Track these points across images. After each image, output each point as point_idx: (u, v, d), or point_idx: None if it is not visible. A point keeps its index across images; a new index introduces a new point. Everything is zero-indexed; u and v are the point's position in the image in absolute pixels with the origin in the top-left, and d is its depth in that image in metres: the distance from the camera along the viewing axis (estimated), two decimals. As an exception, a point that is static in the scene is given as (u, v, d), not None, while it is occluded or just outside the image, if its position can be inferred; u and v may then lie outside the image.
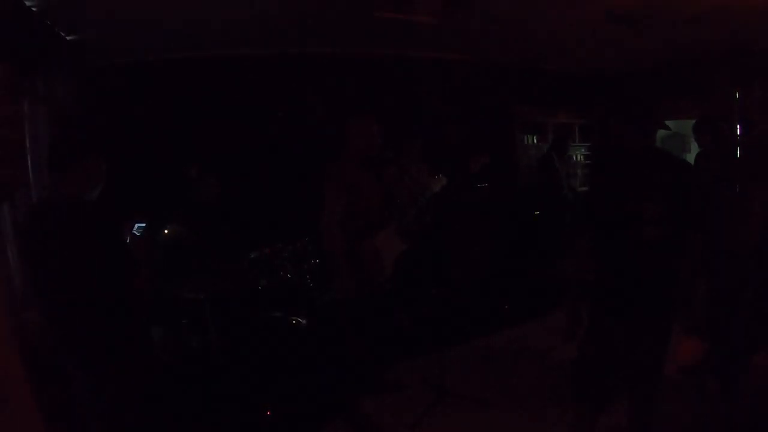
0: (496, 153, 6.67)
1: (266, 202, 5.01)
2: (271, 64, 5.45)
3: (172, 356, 3.94)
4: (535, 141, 7.66)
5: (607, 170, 2.65)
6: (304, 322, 4.23)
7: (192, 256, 4.10)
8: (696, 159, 4.67)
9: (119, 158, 2.89)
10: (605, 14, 4.45)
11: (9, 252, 2.72)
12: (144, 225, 2.89)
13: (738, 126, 5.99)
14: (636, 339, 2.40)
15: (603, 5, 4.38)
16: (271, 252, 4.23)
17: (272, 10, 4.10)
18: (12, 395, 1.29)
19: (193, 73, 5.11)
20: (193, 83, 5.08)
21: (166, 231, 3.72)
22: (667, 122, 2.48)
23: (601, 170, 2.84)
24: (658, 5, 4.36)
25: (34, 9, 3.25)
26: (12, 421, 1.30)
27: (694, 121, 4.63)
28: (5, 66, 2.74)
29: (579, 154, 7.89)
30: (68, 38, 3.87)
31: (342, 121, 3.52)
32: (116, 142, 4.35)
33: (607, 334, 2.48)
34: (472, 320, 5.09)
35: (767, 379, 2.32)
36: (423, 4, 4.15)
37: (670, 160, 2.47)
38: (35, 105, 3.21)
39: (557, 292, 5.81)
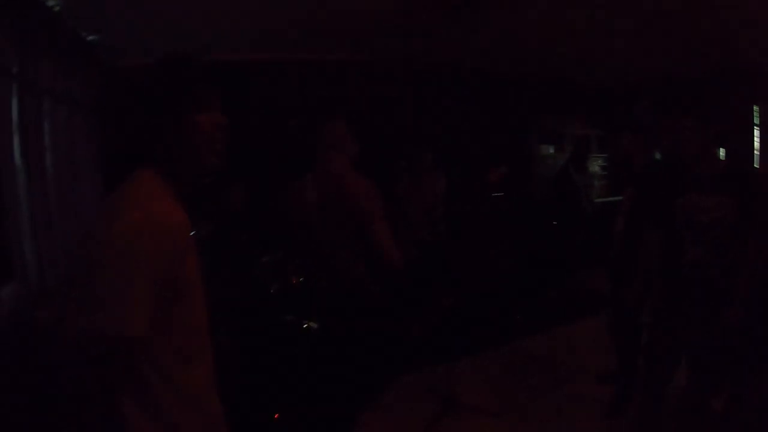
0: (513, 163, 6.67)
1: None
2: (287, 69, 5.47)
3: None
4: (552, 151, 7.63)
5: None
6: (315, 326, 4.22)
7: (207, 260, 4.12)
8: None
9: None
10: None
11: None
12: None
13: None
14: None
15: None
16: (284, 255, 4.23)
17: (286, 17, 4.12)
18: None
19: (212, 75, 5.13)
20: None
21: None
22: None
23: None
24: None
25: (56, 9, 3.29)
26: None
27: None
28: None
29: (597, 165, 7.83)
30: (88, 38, 3.92)
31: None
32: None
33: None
34: (483, 331, 5.04)
35: None
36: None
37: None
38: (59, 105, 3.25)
39: (571, 304, 5.78)
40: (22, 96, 2.78)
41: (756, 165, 5.98)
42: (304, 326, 4.21)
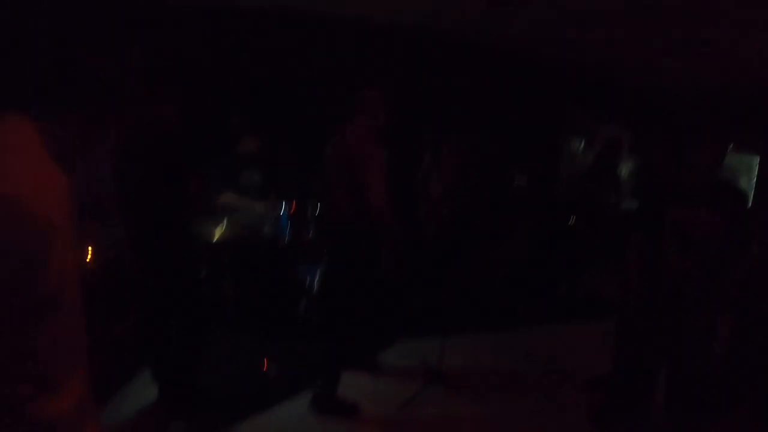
0: (540, 157, 6.56)
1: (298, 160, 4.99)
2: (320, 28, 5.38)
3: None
4: (581, 148, 7.49)
5: None
6: (319, 279, 4.26)
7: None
8: None
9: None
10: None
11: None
12: None
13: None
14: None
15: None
16: (296, 209, 4.24)
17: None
18: None
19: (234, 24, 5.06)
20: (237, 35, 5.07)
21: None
22: None
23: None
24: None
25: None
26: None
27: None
28: None
29: (626, 170, 7.66)
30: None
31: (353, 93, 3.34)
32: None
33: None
34: (481, 315, 5.03)
35: None
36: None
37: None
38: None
39: (578, 305, 5.71)
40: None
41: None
42: (308, 279, 4.24)
